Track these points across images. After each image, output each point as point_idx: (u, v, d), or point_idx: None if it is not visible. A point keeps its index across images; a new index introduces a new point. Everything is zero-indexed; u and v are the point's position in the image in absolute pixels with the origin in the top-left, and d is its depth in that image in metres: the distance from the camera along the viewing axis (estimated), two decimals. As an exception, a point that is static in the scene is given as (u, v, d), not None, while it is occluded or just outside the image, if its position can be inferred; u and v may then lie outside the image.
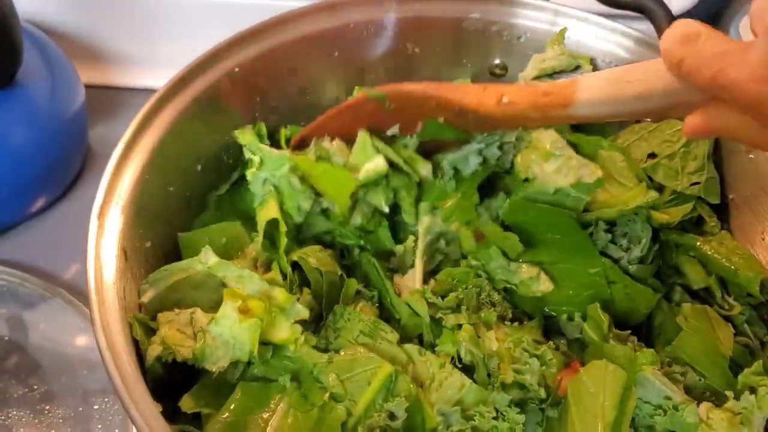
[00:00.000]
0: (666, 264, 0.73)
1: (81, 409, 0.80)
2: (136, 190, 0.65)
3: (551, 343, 0.66)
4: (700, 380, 0.65)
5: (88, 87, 1.01)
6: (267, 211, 0.69)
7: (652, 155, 0.75)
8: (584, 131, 0.75)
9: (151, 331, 0.62)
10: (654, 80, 0.50)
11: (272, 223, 0.69)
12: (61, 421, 0.79)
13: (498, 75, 0.85)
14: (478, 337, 0.64)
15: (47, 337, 0.85)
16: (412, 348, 0.63)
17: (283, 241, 0.67)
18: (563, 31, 0.80)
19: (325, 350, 0.63)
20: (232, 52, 0.75)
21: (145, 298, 0.64)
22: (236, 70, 0.74)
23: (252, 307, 0.58)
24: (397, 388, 0.58)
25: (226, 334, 0.58)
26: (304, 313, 0.61)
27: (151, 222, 0.68)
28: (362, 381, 0.59)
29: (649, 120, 0.76)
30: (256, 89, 0.77)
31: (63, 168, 0.96)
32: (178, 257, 0.69)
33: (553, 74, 0.80)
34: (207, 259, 0.64)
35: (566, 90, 0.56)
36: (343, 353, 0.61)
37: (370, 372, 0.59)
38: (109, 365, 0.55)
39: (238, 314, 0.57)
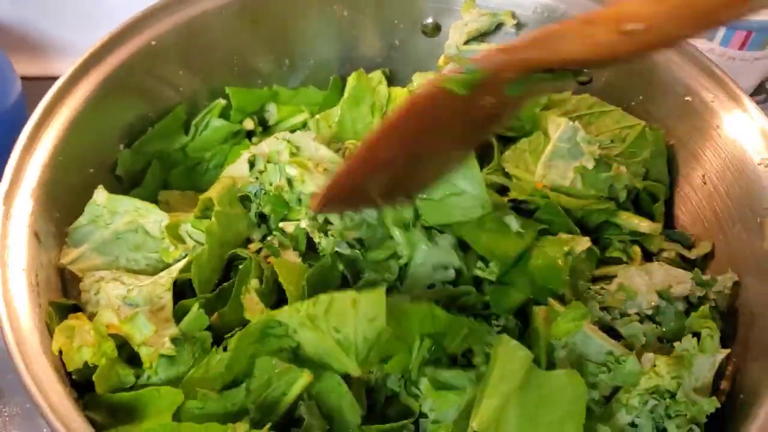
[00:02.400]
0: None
1: (29, 405, 0.78)
2: (46, 174, 0.63)
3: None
4: (657, 327, 0.63)
5: (26, 79, 0.98)
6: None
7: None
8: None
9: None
10: None
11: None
12: (8, 418, 0.77)
13: (431, 35, 0.82)
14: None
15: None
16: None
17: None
18: None
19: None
20: (146, 26, 0.72)
21: (66, 261, 0.62)
22: (153, 43, 0.72)
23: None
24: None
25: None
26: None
27: (69, 204, 0.66)
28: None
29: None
30: (176, 62, 0.75)
31: (3, 161, 0.94)
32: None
33: (479, 36, 0.77)
34: (100, 199, 0.63)
35: None
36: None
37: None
38: (15, 357, 0.53)
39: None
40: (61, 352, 0.57)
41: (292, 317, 0.54)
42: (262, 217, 0.68)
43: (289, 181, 0.67)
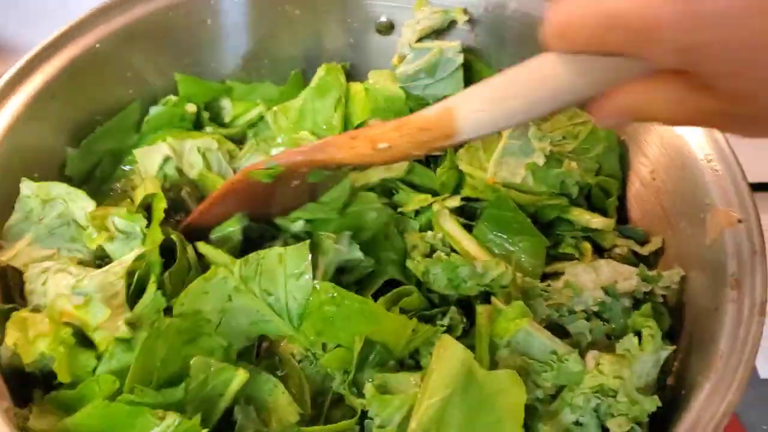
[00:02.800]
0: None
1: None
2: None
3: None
4: (604, 325, 0.63)
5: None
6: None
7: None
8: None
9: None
10: (544, 84, 0.44)
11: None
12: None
13: (384, 33, 0.82)
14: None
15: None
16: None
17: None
18: None
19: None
20: (94, 25, 0.71)
21: (6, 258, 0.62)
22: (97, 46, 0.71)
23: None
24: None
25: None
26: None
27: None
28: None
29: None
30: (126, 63, 0.74)
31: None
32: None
33: (432, 34, 0.76)
34: (27, 190, 0.64)
35: (445, 122, 0.51)
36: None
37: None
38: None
39: None
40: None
41: (227, 279, 0.58)
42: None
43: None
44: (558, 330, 0.63)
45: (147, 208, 0.66)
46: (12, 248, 0.64)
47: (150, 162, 0.71)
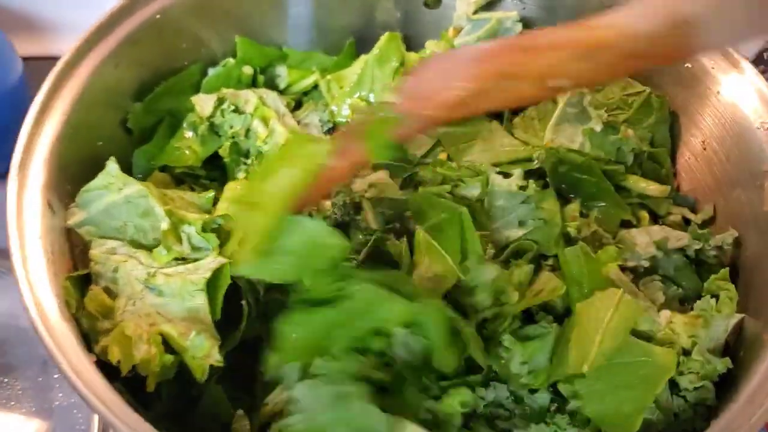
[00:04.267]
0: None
1: (41, 379, 0.79)
2: (58, 144, 0.63)
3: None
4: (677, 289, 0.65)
5: (27, 59, 0.98)
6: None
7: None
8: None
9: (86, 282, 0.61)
10: None
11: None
12: (20, 392, 0.78)
13: (432, 7, 0.83)
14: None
15: (2, 311, 0.84)
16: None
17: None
18: None
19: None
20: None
21: (73, 222, 0.63)
22: (158, 17, 0.72)
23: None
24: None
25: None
26: None
27: (79, 177, 0.66)
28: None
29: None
30: (187, 31, 0.76)
31: (5, 142, 0.94)
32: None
33: (485, 6, 0.77)
34: (113, 170, 0.64)
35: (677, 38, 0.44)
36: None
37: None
38: (37, 323, 0.53)
39: None
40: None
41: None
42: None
43: (247, 132, 0.70)
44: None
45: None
46: (80, 213, 0.64)
47: (206, 104, 0.72)
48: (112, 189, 0.64)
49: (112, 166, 0.65)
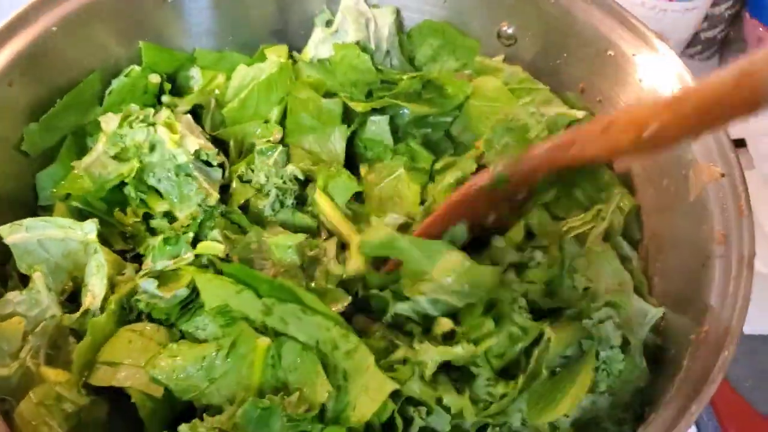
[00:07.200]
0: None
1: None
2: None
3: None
4: None
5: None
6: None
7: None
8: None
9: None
10: None
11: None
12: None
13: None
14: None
15: None
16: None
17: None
18: None
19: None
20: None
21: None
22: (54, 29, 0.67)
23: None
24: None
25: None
26: None
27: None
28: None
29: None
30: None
31: None
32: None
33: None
34: None
35: (745, 88, 0.42)
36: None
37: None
38: None
39: None
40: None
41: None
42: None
43: (152, 146, 0.66)
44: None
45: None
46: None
47: (112, 123, 0.68)
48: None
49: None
